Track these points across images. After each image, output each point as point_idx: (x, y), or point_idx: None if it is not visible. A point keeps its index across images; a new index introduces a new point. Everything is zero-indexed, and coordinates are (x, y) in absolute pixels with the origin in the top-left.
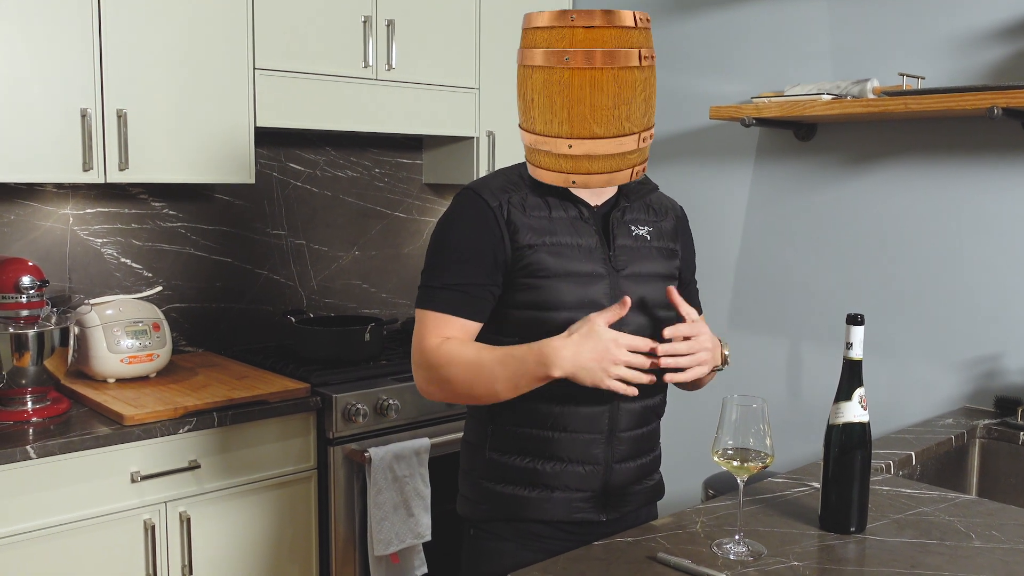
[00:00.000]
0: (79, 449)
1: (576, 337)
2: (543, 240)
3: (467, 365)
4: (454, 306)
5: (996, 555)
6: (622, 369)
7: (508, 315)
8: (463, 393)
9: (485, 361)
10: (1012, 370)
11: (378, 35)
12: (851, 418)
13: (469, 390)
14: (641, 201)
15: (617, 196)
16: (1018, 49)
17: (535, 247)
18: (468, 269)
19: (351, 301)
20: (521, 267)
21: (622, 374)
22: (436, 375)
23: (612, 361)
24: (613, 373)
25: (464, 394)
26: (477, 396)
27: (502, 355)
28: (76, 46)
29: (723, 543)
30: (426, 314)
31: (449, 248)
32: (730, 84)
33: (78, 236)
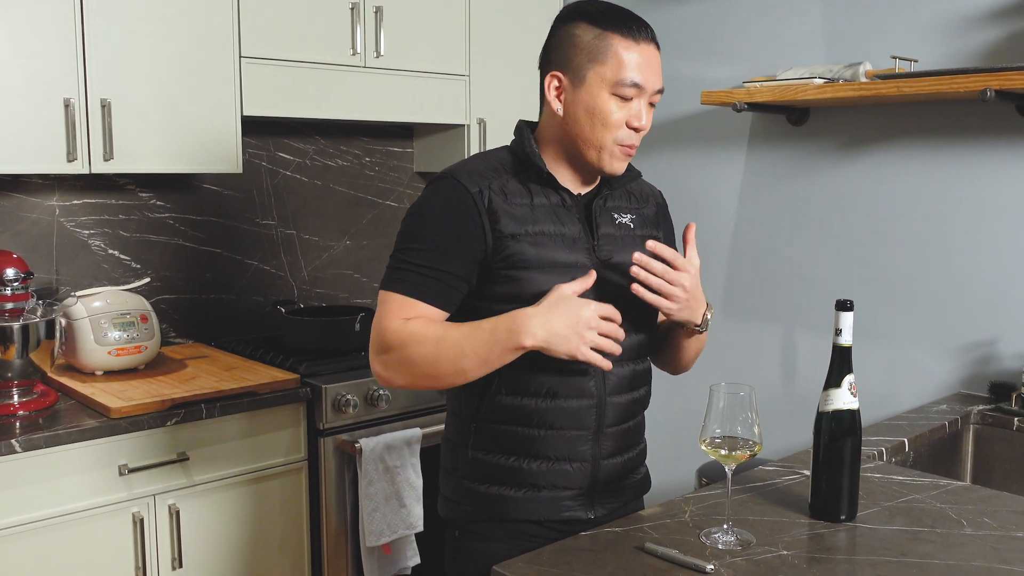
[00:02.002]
0: (66, 442)
1: (546, 304)
2: (524, 229)
3: (431, 342)
4: (422, 291)
5: (988, 542)
6: (596, 336)
7: (487, 307)
8: (426, 373)
9: (451, 336)
10: (1007, 355)
11: (366, 22)
12: (841, 405)
13: (434, 369)
14: (623, 188)
15: (600, 183)
16: (1011, 31)
17: (516, 236)
18: (442, 257)
19: (342, 291)
20: (501, 257)
21: (597, 342)
22: (397, 357)
23: (586, 326)
24: (588, 340)
25: (428, 374)
26: (441, 375)
27: (469, 329)
28: (58, 35)
29: (711, 532)
30: (390, 296)
31: (424, 233)
32: (721, 68)
33: (64, 227)
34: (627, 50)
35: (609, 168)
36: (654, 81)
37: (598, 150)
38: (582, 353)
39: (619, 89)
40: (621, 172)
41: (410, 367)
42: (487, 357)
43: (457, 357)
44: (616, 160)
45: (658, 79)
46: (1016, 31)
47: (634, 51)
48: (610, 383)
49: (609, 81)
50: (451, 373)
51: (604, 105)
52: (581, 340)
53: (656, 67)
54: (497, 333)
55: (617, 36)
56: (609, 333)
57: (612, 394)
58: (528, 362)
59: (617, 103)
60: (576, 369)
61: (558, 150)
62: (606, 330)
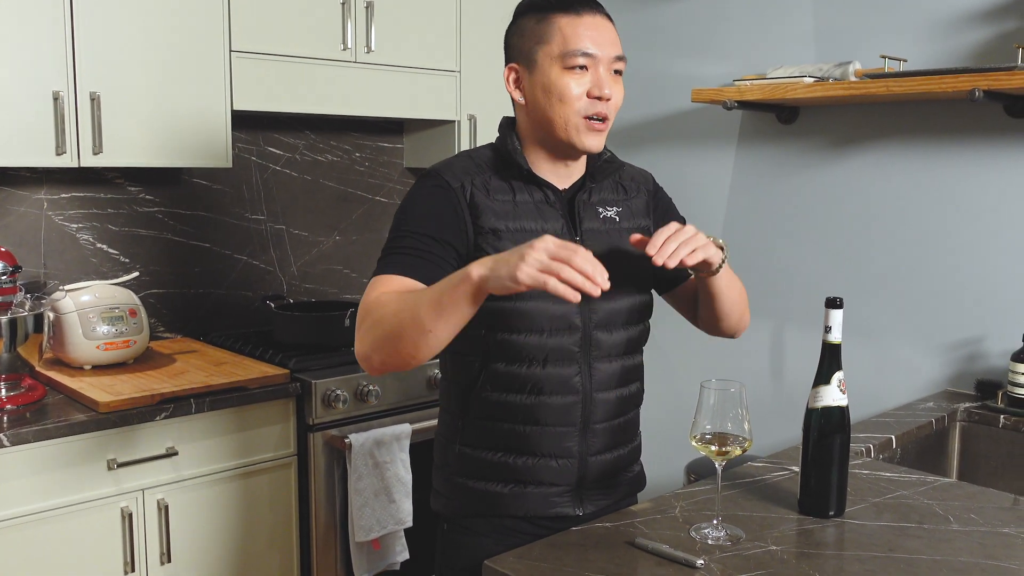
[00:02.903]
0: (54, 436)
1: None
2: (506, 225)
3: (394, 302)
4: (402, 267)
5: (974, 538)
6: (546, 259)
7: None
8: (391, 334)
9: (412, 294)
10: (993, 353)
11: (357, 17)
12: (830, 402)
13: (397, 328)
14: (609, 180)
15: (583, 177)
16: (1000, 31)
17: (498, 232)
18: (424, 240)
19: (332, 286)
20: (483, 254)
21: (543, 261)
22: (367, 325)
23: (530, 249)
24: (530, 259)
25: (392, 335)
26: (405, 334)
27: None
28: (47, 28)
29: (701, 528)
30: (375, 280)
31: (406, 225)
32: (712, 66)
33: (53, 221)
34: (570, 24)
35: (582, 145)
36: (606, 48)
37: (565, 128)
38: (523, 272)
39: (569, 61)
40: (598, 148)
41: (377, 332)
42: (439, 300)
43: (415, 307)
44: (587, 135)
45: (611, 47)
46: (1005, 31)
47: (577, 23)
48: (596, 379)
49: (557, 56)
50: (411, 326)
51: (558, 81)
52: (521, 260)
53: (607, 35)
54: (451, 278)
55: (558, 14)
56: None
57: (599, 390)
58: (513, 358)
59: (572, 77)
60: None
61: (536, 142)
62: (563, 257)
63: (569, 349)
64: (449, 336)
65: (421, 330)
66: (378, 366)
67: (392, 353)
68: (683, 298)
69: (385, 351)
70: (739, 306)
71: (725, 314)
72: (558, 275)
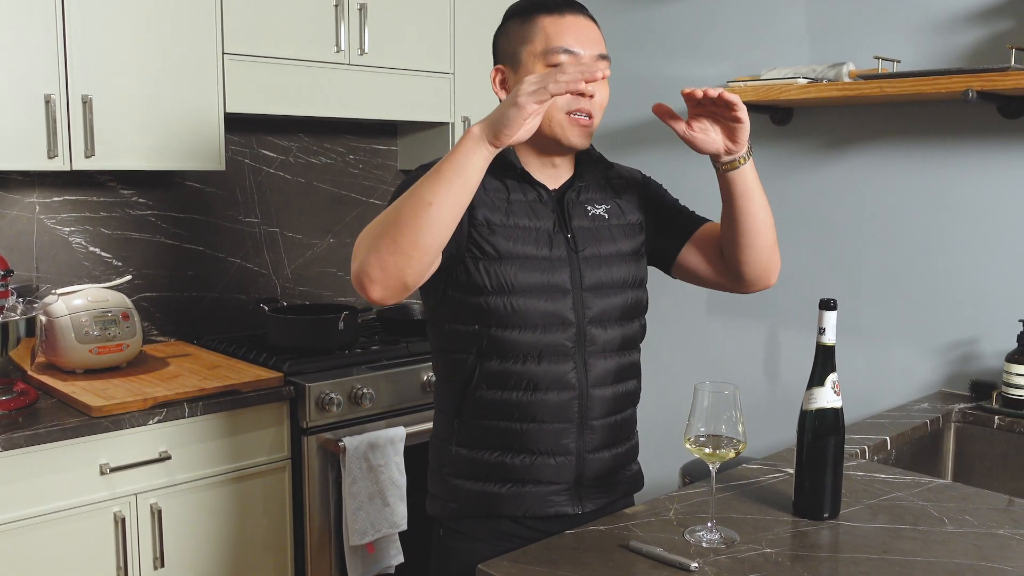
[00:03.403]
0: (46, 441)
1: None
2: (500, 219)
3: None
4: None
5: (969, 539)
6: (532, 78)
7: (464, 300)
8: (388, 225)
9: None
10: (988, 354)
11: (350, 19)
12: (824, 404)
13: (394, 216)
14: (598, 179)
15: (572, 176)
16: (994, 32)
17: (492, 225)
18: None
19: (326, 289)
20: (477, 249)
21: (536, 81)
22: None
23: (518, 84)
24: (525, 85)
25: (390, 225)
26: (403, 217)
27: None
28: (39, 30)
29: (695, 530)
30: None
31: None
32: (705, 68)
33: (45, 225)
34: (553, 23)
35: (567, 141)
36: (588, 47)
37: (549, 124)
38: (522, 97)
39: (551, 58)
40: (584, 145)
41: (371, 234)
42: (438, 169)
43: (412, 190)
44: (572, 132)
45: (594, 45)
46: (998, 32)
47: (560, 23)
48: (592, 375)
49: (540, 54)
50: (409, 208)
51: None
52: (516, 93)
53: (589, 34)
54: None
55: (541, 15)
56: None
57: (595, 386)
58: (507, 354)
59: None
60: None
61: (526, 143)
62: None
63: (563, 345)
64: (451, 210)
65: (422, 203)
66: (377, 274)
67: (391, 247)
68: (705, 250)
69: (383, 247)
70: (769, 225)
71: (759, 228)
72: (553, 80)
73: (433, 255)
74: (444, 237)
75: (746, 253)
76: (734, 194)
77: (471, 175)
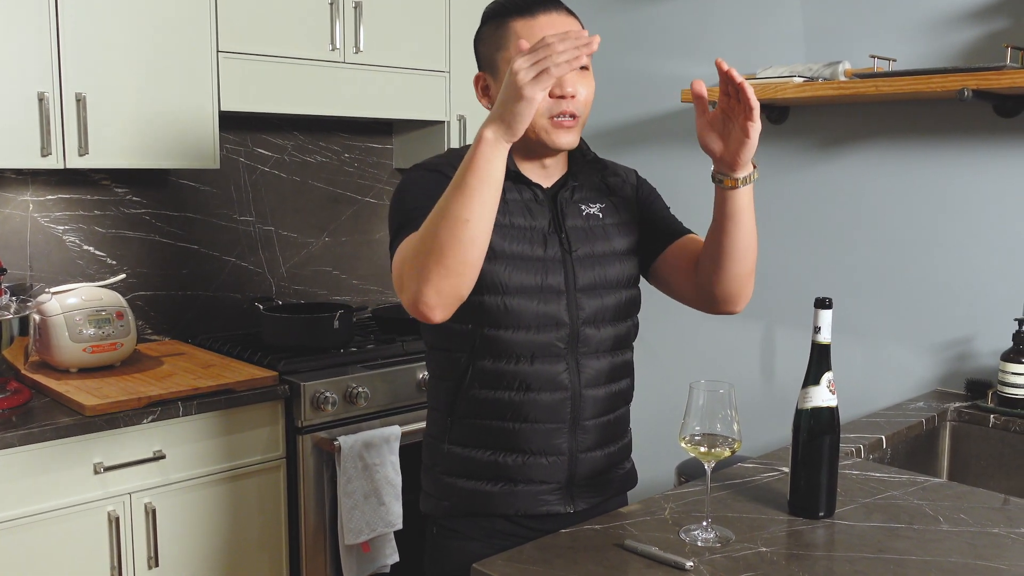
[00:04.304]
0: (40, 440)
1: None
2: (497, 219)
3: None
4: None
5: (964, 538)
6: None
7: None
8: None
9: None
10: (983, 353)
11: (345, 17)
12: (819, 403)
13: (433, 241)
14: (592, 179)
15: (566, 176)
16: (989, 31)
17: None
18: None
19: (321, 288)
20: None
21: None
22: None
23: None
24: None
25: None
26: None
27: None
28: (32, 28)
29: (691, 529)
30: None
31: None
32: (701, 66)
33: (39, 223)
34: (525, 26)
35: (555, 143)
36: None
37: (534, 130)
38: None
39: None
40: (572, 145)
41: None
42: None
43: (441, 211)
44: (558, 134)
45: None
46: (994, 31)
47: (532, 24)
48: (584, 375)
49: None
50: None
51: None
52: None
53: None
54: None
55: (512, 18)
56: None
57: (588, 386)
58: (500, 354)
59: None
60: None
61: (518, 144)
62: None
63: (556, 345)
64: (488, 219)
65: (458, 222)
66: (435, 299)
67: (442, 272)
68: (680, 261)
69: (435, 274)
70: (750, 253)
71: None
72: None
73: (481, 262)
74: (487, 243)
75: (719, 275)
76: (722, 212)
77: (497, 178)
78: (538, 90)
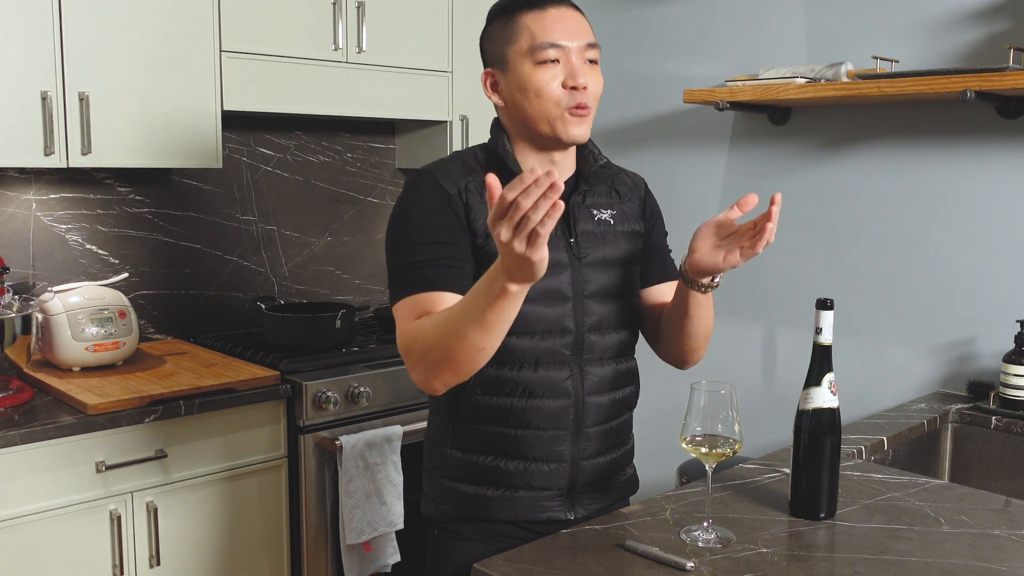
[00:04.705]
0: (42, 439)
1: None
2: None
3: (436, 326)
4: (428, 282)
5: (965, 540)
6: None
7: None
8: (443, 358)
9: (452, 311)
10: (985, 354)
11: (348, 17)
12: (821, 404)
13: (449, 354)
14: (603, 185)
15: (576, 180)
16: (992, 32)
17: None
18: (437, 249)
19: (323, 287)
20: (479, 257)
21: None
22: (415, 356)
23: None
24: (518, 248)
25: (447, 360)
26: (459, 356)
27: (462, 300)
28: (35, 28)
29: (691, 530)
30: (398, 306)
31: (414, 236)
32: (704, 67)
33: (41, 222)
34: (535, 19)
35: (568, 136)
36: (575, 38)
37: (548, 122)
38: (533, 253)
39: (539, 55)
40: (583, 138)
41: (429, 360)
42: (483, 318)
43: (459, 330)
44: (571, 126)
45: (581, 35)
46: (996, 32)
47: (543, 17)
48: (588, 383)
49: (526, 52)
50: (463, 347)
51: (532, 77)
52: (511, 255)
53: (575, 25)
54: (488, 294)
55: (523, 12)
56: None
57: (591, 393)
58: (504, 360)
59: (545, 71)
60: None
61: (523, 140)
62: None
63: (560, 352)
64: (501, 341)
65: (475, 349)
66: (441, 387)
67: (452, 374)
68: (651, 304)
69: (445, 375)
70: (706, 336)
71: (694, 337)
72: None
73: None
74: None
75: (683, 345)
76: (683, 304)
77: (514, 314)
78: (540, 250)
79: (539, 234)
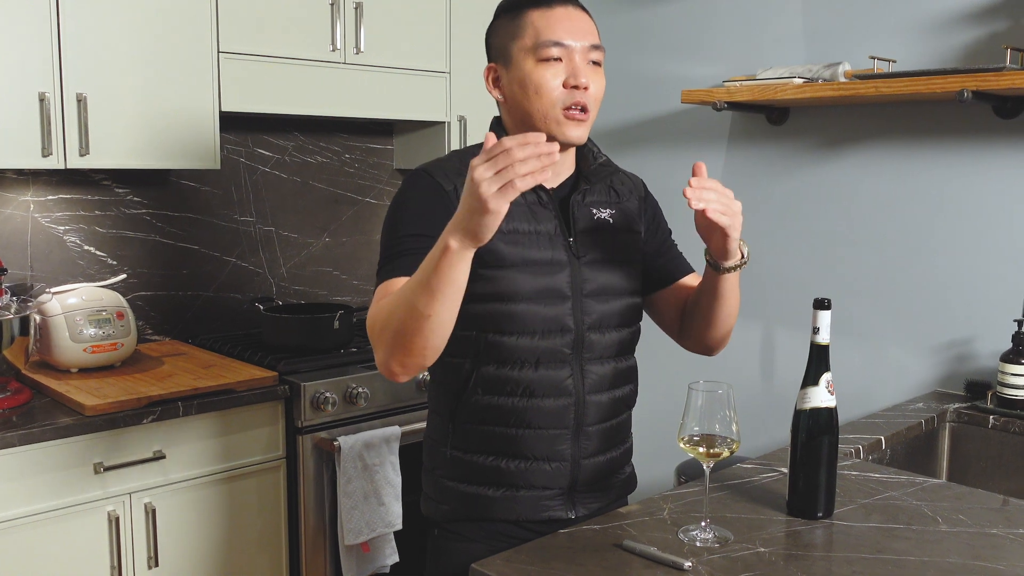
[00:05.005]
0: (40, 440)
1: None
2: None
3: (390, 301)
4: (402, 270)
5: (962, 539)
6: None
7: (466, 308)
8: (397, 333)
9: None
10: (983, 354)
11: (346, 18)
12: (818, 403)
13: (399, 325)
14: (602, 184)
15: (576, 178)
16: (989, 32)
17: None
18: (422, 241)
19: (321, 288)
20: (477, 256)
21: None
22: (375, 335)
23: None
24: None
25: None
26: (408, 328)
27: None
28: (33, 28)
29: (689, 529)
30: (378, 288)
31: (403, 228)
32: (701, 67)
33: (39, 223)
34: (542, 17)
35: (564, 137)
36: (580, 38)
37: (545, 120)
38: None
39: (542, 52)
40: (581, 140)
41: (385, 336)
42: (427, 282)
43: (407, 299)
44: (568, 126)
45: (586, 36)
46: (994, 32)
47: (549, 15)
48: (589, 381)
49: (530, 49)
50: (410, 320)
51: (533, 73)
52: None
53: (580, 25)
54: (432, 256)
55: (530, 9)
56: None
57: (592, 392)
58: (505, 360)
59: (547, 68)
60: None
61: None
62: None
63: (561, 351)
64: (451, 315)
65: (421, 317)
66: (399, 370)
67: (406, 352)
68: (672, 301)
69: (399, 352)
70: (732, 319)
71: (720, 321)
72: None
73: (444, 344)
74: (450, 328)
75: (711, 331)
76: (710, 289)
77: (461, 281)
78: (503, 203)
79: (514, 186)
